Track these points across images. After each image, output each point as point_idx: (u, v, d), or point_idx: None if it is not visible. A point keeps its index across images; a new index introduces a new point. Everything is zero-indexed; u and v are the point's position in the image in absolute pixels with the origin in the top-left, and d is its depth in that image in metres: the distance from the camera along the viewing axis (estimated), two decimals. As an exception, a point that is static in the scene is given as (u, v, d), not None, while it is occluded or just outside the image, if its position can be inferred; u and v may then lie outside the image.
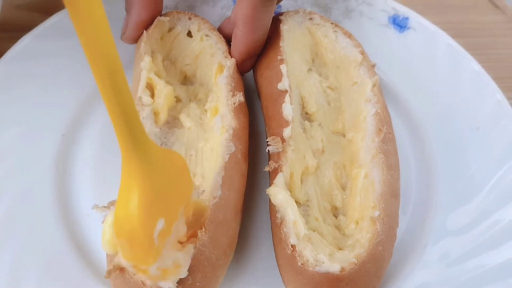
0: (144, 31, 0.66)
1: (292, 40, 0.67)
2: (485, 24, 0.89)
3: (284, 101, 0.59)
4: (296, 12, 0.69)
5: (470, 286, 0.57)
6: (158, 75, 0.65)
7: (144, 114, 0.59)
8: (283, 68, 0.61)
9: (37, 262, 0.56)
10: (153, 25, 0.66)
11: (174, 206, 0.46)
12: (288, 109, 0.58)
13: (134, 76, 0.66)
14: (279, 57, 0.63)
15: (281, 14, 0.68)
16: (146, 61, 0.63)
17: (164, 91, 0.62)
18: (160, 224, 0.43)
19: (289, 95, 0.59)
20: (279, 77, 0.61)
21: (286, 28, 0.66)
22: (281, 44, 0.64)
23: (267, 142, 0.58)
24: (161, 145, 0.60)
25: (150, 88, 0.62)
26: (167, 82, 0.66)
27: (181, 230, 0.47)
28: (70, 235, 0.59)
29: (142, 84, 0.61)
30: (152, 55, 0.66)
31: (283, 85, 0.60)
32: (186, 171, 0.48)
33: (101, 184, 0.64)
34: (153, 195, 0.42)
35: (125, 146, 0.40)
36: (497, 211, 0.61)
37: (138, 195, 0.41)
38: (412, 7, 0.78)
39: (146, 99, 0.60)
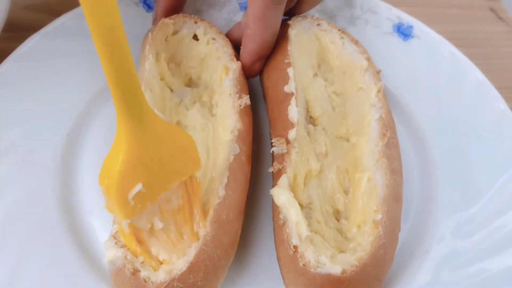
0: (150, 33, 0.67)
1: (300, 45, 0.67)
2: (488, 34, 0.90)
3: (290, 104, 0.59)
4: (304, 17, 0.70)
5: (472, 292, 0.57)
6: (162, 76, 0.65)
7: None
8: (290, 71, 0.62)
9: (40, 259, 0.56)
10: (157, 27, 0.67)
11: (164, 177, 0.48)
12: (294, 111, 0.58)
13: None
14: (286, 61, 0.63)
15: (289, 18, 0.69)
16: (150, 61, 0.63)
17: None
18: (138, 187, 0.45)
19: (295, 98, 0.59)
20: (285, 80, 0.61)
21: (294, 32, 0.67)
22: (289, 48, 0.65)
23: (272, 143, 0.58)
24: None
25: None
26: (172, 84, 0.66)
27: (175, 202, 0.50)
28: (73, 233, 0.59)
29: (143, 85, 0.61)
30: (157, 56, 0.66)
31: (289, 87, 0.60)
32: (190, 149, 0.50)
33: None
34: (136, 160, 0.44)
35: (119, 107, 0.41)
36: (499, 217, 0.62)
37: (123, 156, 0.43)
38: (416, 16, 0.79)
39: None
